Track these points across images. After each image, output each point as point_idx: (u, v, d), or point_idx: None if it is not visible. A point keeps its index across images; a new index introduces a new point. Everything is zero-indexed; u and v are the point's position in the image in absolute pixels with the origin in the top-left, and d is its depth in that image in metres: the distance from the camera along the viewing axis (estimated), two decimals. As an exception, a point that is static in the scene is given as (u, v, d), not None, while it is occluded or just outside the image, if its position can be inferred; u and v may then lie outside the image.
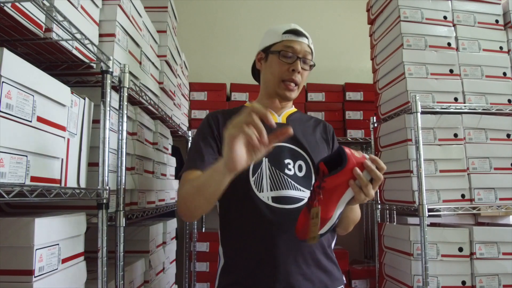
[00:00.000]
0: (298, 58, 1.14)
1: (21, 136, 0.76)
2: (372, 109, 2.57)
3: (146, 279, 1.50)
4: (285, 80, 1.15)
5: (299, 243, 1.03)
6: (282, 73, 1.15)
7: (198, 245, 2.45)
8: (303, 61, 1.16)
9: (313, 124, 1.25)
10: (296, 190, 1.07)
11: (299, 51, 1.15)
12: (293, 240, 1.02)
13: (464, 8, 1.98)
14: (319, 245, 1.07)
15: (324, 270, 1.06)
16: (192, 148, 1.14)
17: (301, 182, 1.10)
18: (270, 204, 1.04)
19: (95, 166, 1.07)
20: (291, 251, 1.02)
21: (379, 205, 2.21)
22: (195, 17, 3.13)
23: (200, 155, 1.09)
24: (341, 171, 0.83)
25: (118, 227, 1.15)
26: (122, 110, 1.20)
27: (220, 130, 1.14)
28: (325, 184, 0.85)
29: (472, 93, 1.88)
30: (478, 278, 1.70)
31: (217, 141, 1.13)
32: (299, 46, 1.15)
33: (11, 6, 0.78)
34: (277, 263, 1.01)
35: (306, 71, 1.18)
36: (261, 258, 1.03)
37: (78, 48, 1.03)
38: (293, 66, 1.14)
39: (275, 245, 1.02)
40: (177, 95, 2.16)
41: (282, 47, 1.16)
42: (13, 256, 0.78)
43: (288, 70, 1.14)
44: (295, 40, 1.15)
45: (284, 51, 1.15)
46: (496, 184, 1.80)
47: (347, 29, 3.19)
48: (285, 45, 1.15)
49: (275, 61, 1.17)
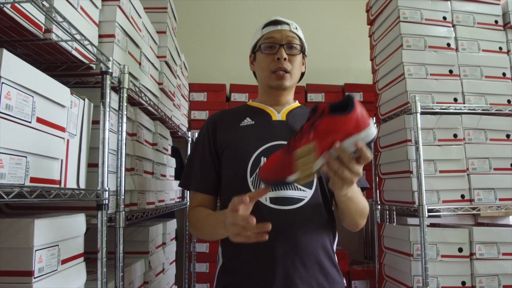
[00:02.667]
0: (281, 46, 1.14)
1: (21, 137, 0.76)
2: (372, 109, 2.56)
3: (146, 280, 1.50)
4: (274, 71, 1.14)
5: (297, 245, 1.01)
6: (269, 64, 1.15)
7: (197, 246, 2.45)
8: (289, 47, 1.15)
9: None
10: (296, 190, 1.05)
11: (280, 39, 1.15)
12: (292, 242, 1.01)
13: (464, 8, 1.97)
14: (323, 247, 1.05)
15: (324, 273, 1.04)
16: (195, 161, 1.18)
17: None
18: (268, 205, 1.03)
19: (95, 167, 1.07)
20: (288, 253, 1.01)
21: (379, 205, 2.21)
22: (195, 18, 3.13)
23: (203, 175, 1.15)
24: (343, 116, 0.75)
25: (117, 228, 1.15)
26: (121, 111, 1.20)
27: (217, 135, 1.16)
28: (320, 123, 0.78)
29: (472, 93, 1.88)
30: (478, 278, 1.70)
31: (214, 150, 1.16)
32: (279, 34, 1.15)
33: (10, 7, 0.78)
34: (275, 265, 1.00)
35: (295, 56, 1.16)
36: (259, 259, 1.02)
37: (78, 49, 1.03)
38: (277, 55, 1.13)
39: (273, 247, 1.00)
40: (177, 95, 2.16)
41: (264, 40, 1.17)
42: (12, 257, 0.78)
43: (274, 60, 1.14)
44: (274, 30, 1.16)
45: (266, 43, 1.16)
46: (495, 184, 1.80)
47: (346, 30, 3.19)
48: (266, 38, 1.17)
49: (260, 56, 1.18)
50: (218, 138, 1.15)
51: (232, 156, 1.12)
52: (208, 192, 1.15)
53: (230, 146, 1.12)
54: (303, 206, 1.04)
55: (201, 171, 1.15)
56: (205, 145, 1.17)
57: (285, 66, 1.13)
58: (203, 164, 1.16)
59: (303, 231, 1.03)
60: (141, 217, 1.41)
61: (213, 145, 1.16)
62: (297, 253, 1.01)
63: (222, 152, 1.14)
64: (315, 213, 1.06)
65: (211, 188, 1.15)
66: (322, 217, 1.08)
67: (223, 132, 1.16)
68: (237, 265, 1.06)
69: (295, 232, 1.02)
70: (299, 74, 1.20)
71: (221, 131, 1.16)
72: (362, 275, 2.47)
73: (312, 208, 1.06)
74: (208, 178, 1.15)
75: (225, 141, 1.13)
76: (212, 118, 1.22)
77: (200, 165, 1.16)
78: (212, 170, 1.15)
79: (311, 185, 1.08)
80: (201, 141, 1.19)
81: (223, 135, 1.15)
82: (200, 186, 1.15)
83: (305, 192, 1.06)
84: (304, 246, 1.02)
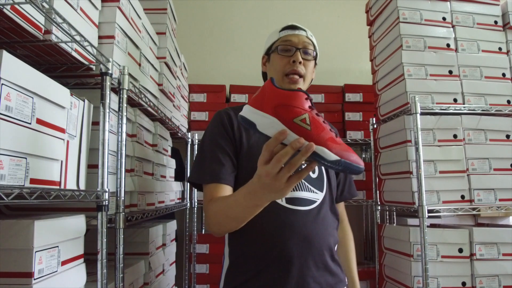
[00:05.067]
0: (298, 49, 1.15)
1: (21, 138, 0.76)
2: (372, 110, 2.57)
3: (146, 281, 1.50)
4: (288, 74, 1.14)
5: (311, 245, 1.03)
6: (283, 66, 1.15)
7: (198, 247, 2.45)
8: (304, 52, 1.16)
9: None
10: (309, 191, 1.09)
11: (297, 42, 1.16)
12: (305, 242, 1.03)
13: (463, 9, 1.98)
14: (328, 248, 1.08)
15: (331, 273, 1.07)
16: (207, 154, 1.08)
17: (314, 183, 1.11)
18: (284, 206, 1.04)
19: (95, 168, 1.07)
20: (302, 253, 1.03)
21: (379, 206, 2.21)
22: (195, 19, 3.13)
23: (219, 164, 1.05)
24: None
25: (117, 229, 1.15)
26: (121, 112, 1.20)
27: (235, 128, 1.10)
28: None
29: (472, 94, 1.88)
30: (478, 279, 1.70)
31: (232, 141, 1.09)
32: (297, 38, 1.17)
33: (10, 8, 0.78)
34: (289, 265, 1.01)
35: (309, 61, 1.18)
36: (272, 259, 1.02)
37: (78, 50, 1.03)
38: (294, 58, 1.14)
39: (288, 247, 1.02)
40: (177, 96, 2.16)
41: (280, 43, 1.18)
42: (12, 258, 0.78)
43: (289, 62, 1.15)
44: (292, 34, 1.18)
45: (282, 45, 1.17)
46: (495, 184, 1.80)
47: (346, 31, 3.19)
48: (283, 40, 1.18)
49: (275, 57, 1.19)
50: (237, 134, 1.10)
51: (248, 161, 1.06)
52: (225, 182, 1.04)
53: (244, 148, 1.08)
54: (316, 207, 1.08)
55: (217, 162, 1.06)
56: (223, 137, 1.09)
57: (300, 70, 1.14)
58: (219, 155, 1.06)
59: (316, 232, 1.05)
60: (141, 218, 1.40)
61: (233, 138, 1.09)
62: (311, 253, 1.03)
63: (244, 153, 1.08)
64: (326, 215, 1.10)
65: (228, 177, 1.05)
66: (330, 219, 1.12)
67: (239, 131, 1.10)
68: (248, 264, 1.05)
69: (309, 232, 1.04)
70: (311, 80, 1.22)
71: (237, 129, 1.10)
72: (362, 276, 2.46)
73: (324, 210, 1.10)
74: (224, 168, 1.05)
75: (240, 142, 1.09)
76: (226, 113, 1.15)
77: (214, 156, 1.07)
78: (229, 161, 1.06)
79: (322, 187, 1.12)
80: (218, 133, 1.10)
81: (239, 135, 1.10)
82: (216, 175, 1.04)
83: (317, 194, 1.10)
84: (317, 246, 1.04)
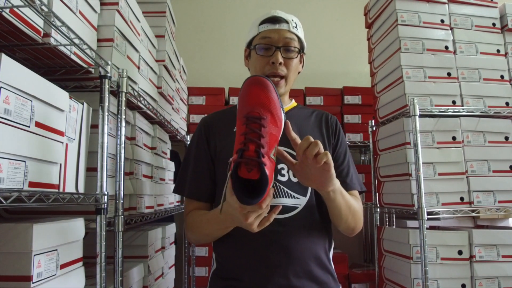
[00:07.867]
0: (278, 49, 1.06)
1: (20, 141, 0.76)
2: (371, 112, 2.57)
3: (145, 284, 1.49)
4: (268, 76, 1.05)
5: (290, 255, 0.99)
6: (263, 67, 1.07)
7: (197, 250, 2.45)
8: (286, 50, 1.07)
9: (314, 119, 1.15)
10: (289, 197, 1.01)
11: (277, 40, 1.06)
12: (284, 251, 0.99)
13: (461, 11, 1.99)
14: (313, 257, 1.02)
15: (317, 282, 1.01)
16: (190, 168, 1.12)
17: (296, 188, 1.03)
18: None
19: (94, 171, 1.07)
20: (281, 262, 0.99)
21: (378, 208, 2.21)
22: (193, 22, 3.14)
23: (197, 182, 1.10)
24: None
25: (116, 232, 1.15)
26: (120, 115, 1.20)
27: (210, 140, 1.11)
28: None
29: (470, 96, 1.88)
30: (478, 281, 1.70)
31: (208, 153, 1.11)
32: (277, 35, 1.07)
33: (9, 11, 0.78)
34: (267, 274, 0.98)
35: (292, 59, 1.08)
36: (251, 267, 1.00)
37: (76, 53, 1.03)
38: (272, 58, 1.05)
39: (266, 256, 0.99)
40: (176, 99, 2.16)
41: (259, 40, 1.08)
42: (11, 262, 0.77)
43: (269, 63, 1.06)
44: (271, 29, 1.07)
45: (260, 44, 1.08)
46: (495, 186, 1.80)
47: (345, 33, 3.20)
48: (261, 37, 1.08)
49: (254, 56, 1.10)
50: (212, 143, 1.11)
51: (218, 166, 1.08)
52: (202, 200, 1.10)
53: (222, 152, 1.08)
54: (297, 214, 1.01)
55: (196, 178, 1.10)
56: (199, 150, 1.11)
57: (280, 72, 1.07)
58: (198, 170, 1.10)
59: (296, 240, 1.00)
60: (140, 221, 1.40)
61: (207, 150, 1.11)
62: (290, 262, 0.99)
63: (216, 158, 1.09)
64: (309, 221, 1.03)
65: (205, 195, 1.10)
66: (316, 225, 1.05)
67: (216, 136, 1.11)
68: (231, 270, 1.04)
69: (288, 241, 1.00)
70: (295, 77, 1.14)
71: (214, 135, 1.11)
72: (362, 278, 2.46)
73: (306, 216, 1.02)
74: (202, 185, 1.09)
75: (218, 147, 1.09)
76: (204, 121, 1.16)
77: (194, 171, 1.11)
78: (207, 177, 1.09)
79: (305, 191, 1.03)
80: (195, 146, 1.13)
81: (216, 141, 1.10)
82: (195, 193, 1.10)
83: (299, 199, 1.02)
84: (298, 255, 1.00)
